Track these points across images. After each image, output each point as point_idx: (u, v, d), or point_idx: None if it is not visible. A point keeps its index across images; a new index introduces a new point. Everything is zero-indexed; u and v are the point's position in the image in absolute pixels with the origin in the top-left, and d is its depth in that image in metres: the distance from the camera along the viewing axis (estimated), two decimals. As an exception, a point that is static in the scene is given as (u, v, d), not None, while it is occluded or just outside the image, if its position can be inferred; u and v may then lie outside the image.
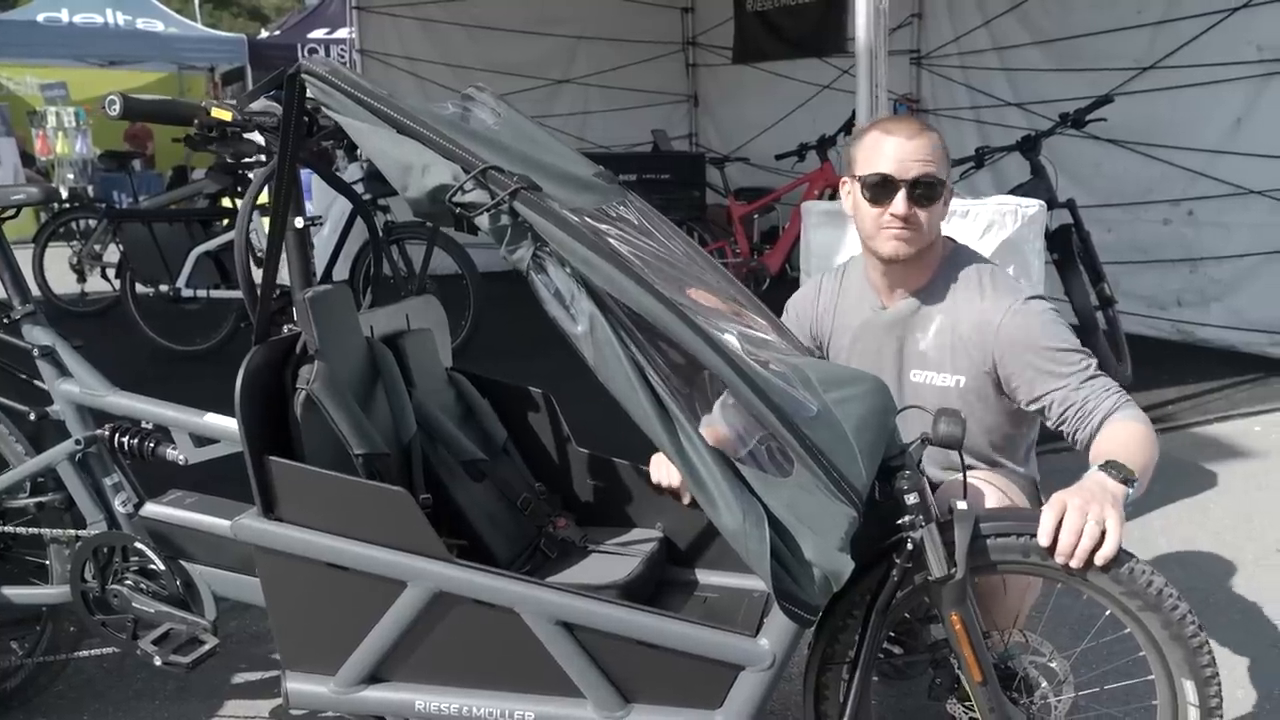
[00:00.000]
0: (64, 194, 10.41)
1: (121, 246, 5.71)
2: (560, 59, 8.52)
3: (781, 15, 7.95)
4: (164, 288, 5.39)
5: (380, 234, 4.77)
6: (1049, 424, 1.76)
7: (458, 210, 1.34)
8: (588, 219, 1.46)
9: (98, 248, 6.76)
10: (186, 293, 5.31)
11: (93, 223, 7.03)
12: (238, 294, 5.32)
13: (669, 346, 1.35)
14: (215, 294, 5.31)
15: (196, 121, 1.51)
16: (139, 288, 5.56)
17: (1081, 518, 1.43)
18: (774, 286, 6.04)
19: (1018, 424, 1.89)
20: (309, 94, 1.40)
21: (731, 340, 1.44)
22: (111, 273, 6.32)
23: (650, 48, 8.77)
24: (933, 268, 1.87)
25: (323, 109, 1.40)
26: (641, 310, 1.32)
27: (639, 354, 1.33)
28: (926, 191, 1.76)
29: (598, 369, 1.33)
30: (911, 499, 1.46)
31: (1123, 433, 1.62)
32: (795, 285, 4.50)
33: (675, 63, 9.06)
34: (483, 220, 1.33)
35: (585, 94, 8.66)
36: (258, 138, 1.65)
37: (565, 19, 8.37)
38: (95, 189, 10.71)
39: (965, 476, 1.63)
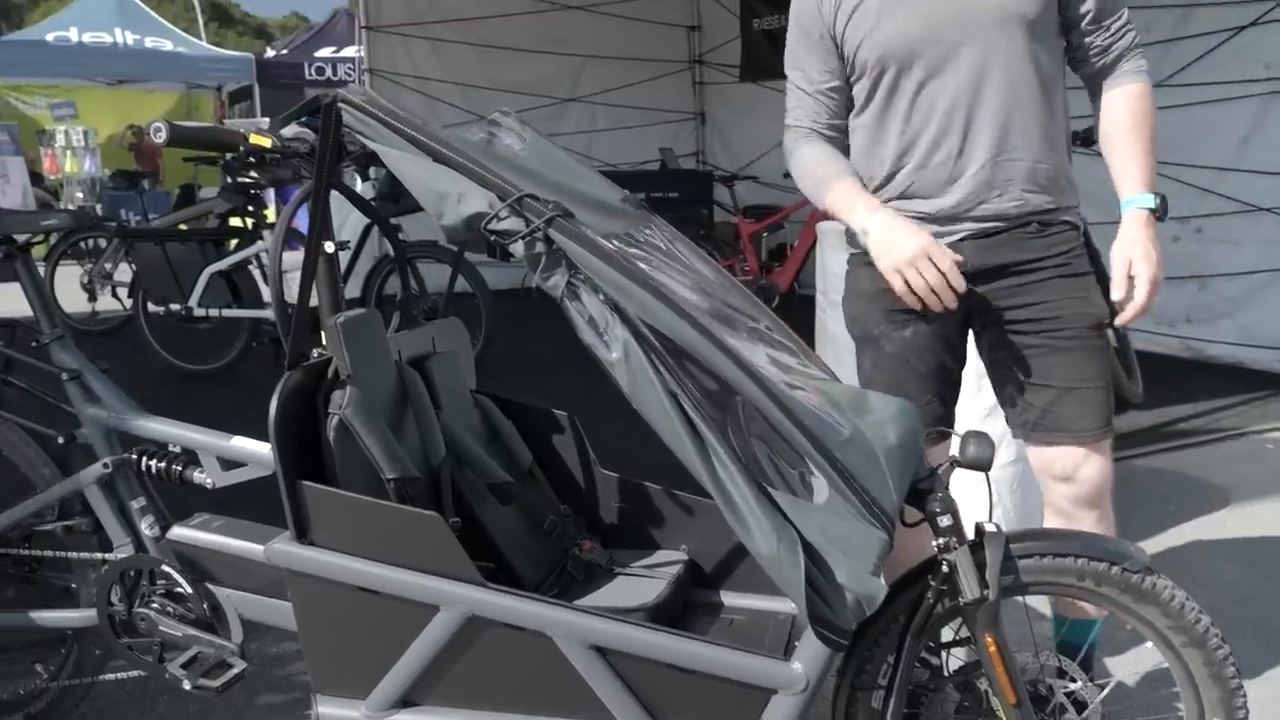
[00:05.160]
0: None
1: (133, 266, 5.74)
2: (567, 78, 8.58)
3: (788, 34, 8.01)
4: (175, 306, 5.41)
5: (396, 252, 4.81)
6: (1075, 34, 1.80)
7: (493, 238, 1.35)
8: (618, 244, 1.48)
9: (108, 266, 6.80)
10: (198, 312, 5.32)
11: (103, 242, 7.07)
12: (249, 313, 5.34)
13: (702, 372, 1.36)
14: (227, 313, 5.33)
15: (242, 149, 1.53)
16: (150, 306, 5.58)
17: (1152, 294, 1.70)
18: (783, 304, 6.06)
19: (1060, 75, 1.85)
20: (345, 121, 1.42)
21: (762, 364, 1.45)
22: (123, 292, 6.34)
23: (657, 66, 8.83)
24: None
25: (357, 136, 1.42)
26: (675, 336, 1.33)
27: (672, 380, 1.33)
28: None
29: (632, 395, 1.33)
30: (944, 521, 1.46)
31: (1145, 117, 1.79)
32: (804, 303, 4.50)
33: (682, 81, 9.12)
34: (517, 247, 1.34)
35: (592, 112, 8.72)
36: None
37: (572, 39, 8.43)
38: (103, 208, 10.78)
39: (991, 498, 1.64)
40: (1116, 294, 1.73)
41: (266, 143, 1.55)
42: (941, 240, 1.84)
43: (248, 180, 5.29)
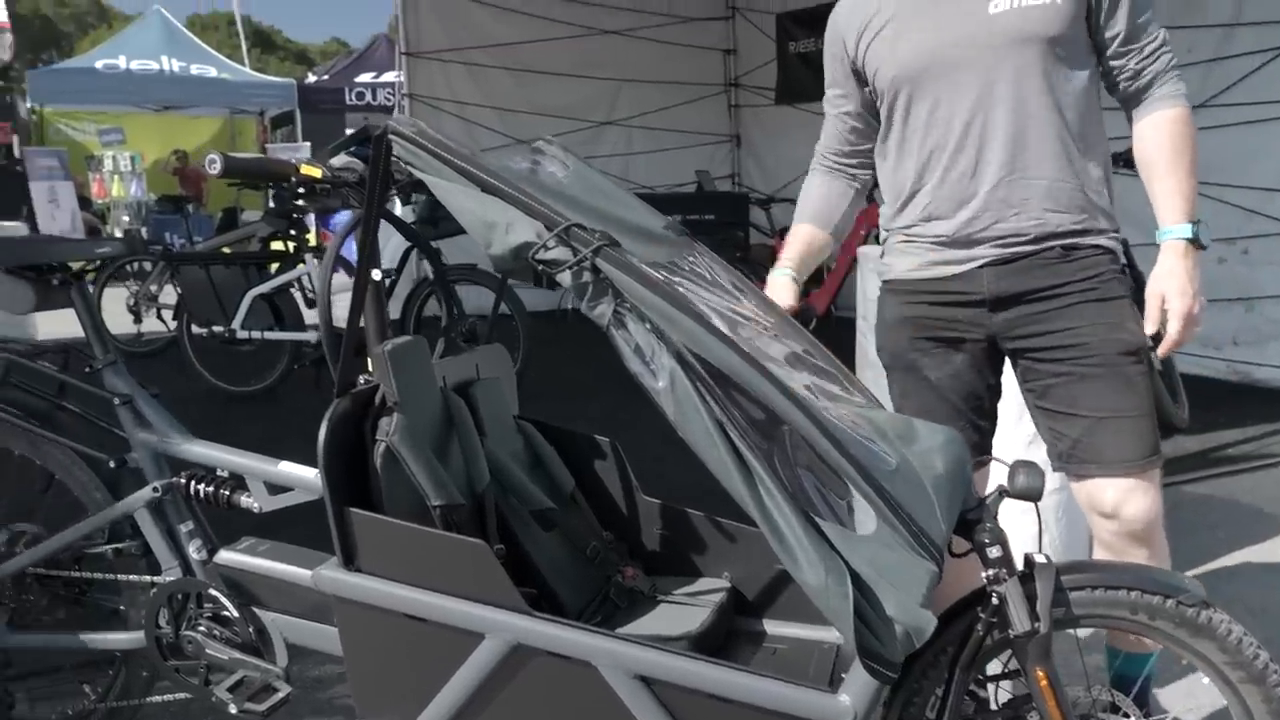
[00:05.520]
0: (119, 236, 10.69)
1: (178, 288, 5.83)
2: (604, 101, 8.65)
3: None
4: (218, 329, 5.49)
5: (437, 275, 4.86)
6: (1105, 57, 1.78)
7: (540, 267, 1.36)
8: (662, 271, 1.48)
9: (154, 289, 6.91)
10: (241, 334, 5.40)
11: (148, 265, 7.20)
12: (290, 336, 5.41)
13: (748, 401, 1.36)
14: (269, 335, 5.40)
15: (293, 179, 1.56)
16: (194, 329, 5.67)
17: (1187, 329, 1.68)
18: (821, 327, 6.02)
19: (1093, 98, 1.81)
20: (395, 152, 1.44)
21: (808, 393, 1.44)
22: (168, 314, 6.45)
23: (693, 89, 8.88)
24: None
25: (406, 167, 1.44)
26: (721, 365, 1.33)
27: (719, 409, 1.33)
28: None
29: (678, 424, 1.33)
30: (994, 552, 1.44)
31: (1182, 143, 1.75)
32: (842, 325, 4.46)
33: (718, 104, 9.15)
34: (565, 276, 1.35)
35: (628, 135, 8.77)
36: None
37: (609, 63, 8.50)
38: (148, 231, 10.99)
39: (1040, 527, 1.61)
40: (1149, 327, 1.71)
41: (317, 173, 1.57)
42: (961, 268, 1.84)
43: (291, 205, 5.37)
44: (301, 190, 1.58)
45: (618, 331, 1.35)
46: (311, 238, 5.77)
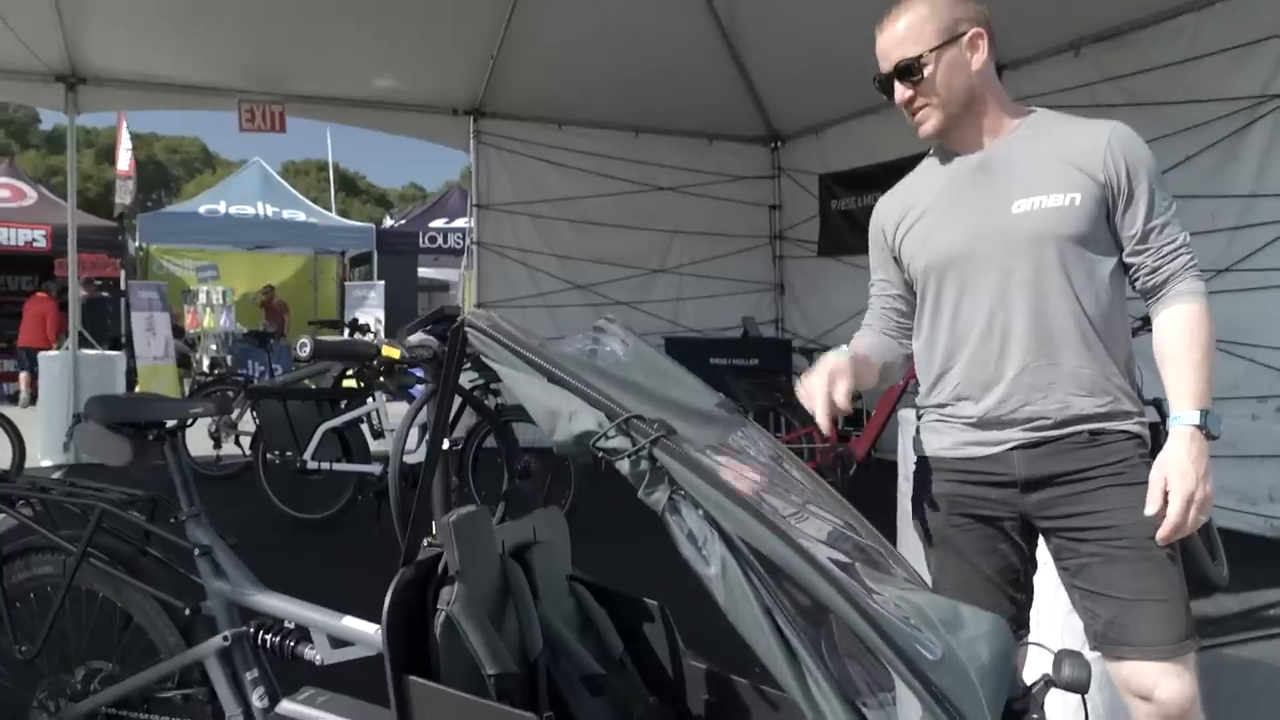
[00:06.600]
0: (206, 364, 11.00)
1: (257, 419, 5.95)
2: (657, 251, 8.88)
3: (864, 214, 8.15)
4: (289, 454, 5.57)
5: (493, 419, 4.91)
6: (1124, 255, 1.78)
7: (600, 455, 1.37)
8: (710, 451, 1.49)
9: (234, 416, 7.07)
10: (311, 465, 5.46)
11: (230, 392, 7.39)
12: (356, 468, 5.46)
13: (796, 588, 1.34)
14: (337, 467, 5.46)
15: (375, 361, 1.61)
16: (268, 456, 5.76)
17: (1186, 511, 1.62)
18: (860, 472, 5.94)
19: (1116, 289, 1.80)
20: (469, 341, 1.48)
21: (853, 579, 1.41)
22: (246, 442, 6.56)
23: (740, 241, 9.10)
24: (1010, 118, 1.83)
25: (480, 356, 1.48)
26: (770, 555, 1.32)
27: (768, 597, 1.31)
28: (909, 73, 1.76)
29: (728, 610, 1.31)
30: (1040, 749, 1.38)
31: (1195, 337, 1.72)
32: (880, 469, 4.36)
33: (763, 254, 9.34)
34: (623, 465, 1.36)
35: (679, 282, 8.96)
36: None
37: (662, 215, 8.77)
38: (232, 359, 11.34)
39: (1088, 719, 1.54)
40: (1149, 509, 1.67)
41: (396, 354, 1.63)
42: (992, 449, 1.84)
43: (370, 371, 5.51)
44: (381, 369, 1.63)
45: (672, 518, 1.35)
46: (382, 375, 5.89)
